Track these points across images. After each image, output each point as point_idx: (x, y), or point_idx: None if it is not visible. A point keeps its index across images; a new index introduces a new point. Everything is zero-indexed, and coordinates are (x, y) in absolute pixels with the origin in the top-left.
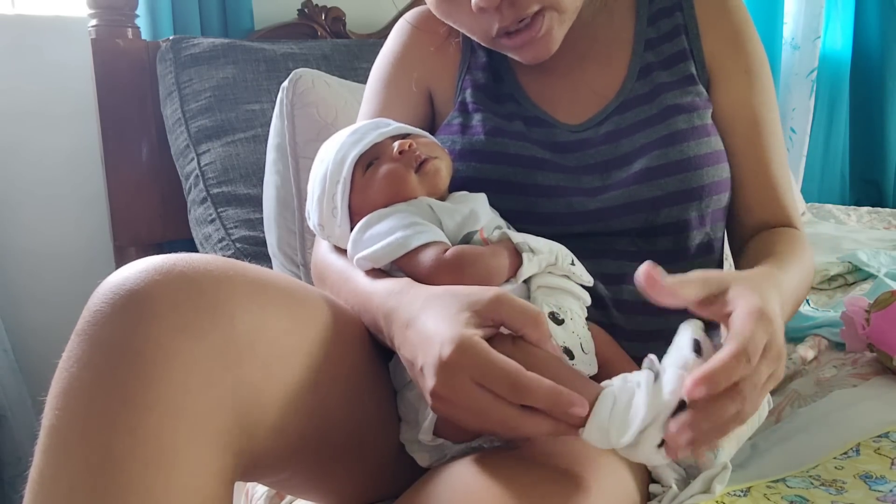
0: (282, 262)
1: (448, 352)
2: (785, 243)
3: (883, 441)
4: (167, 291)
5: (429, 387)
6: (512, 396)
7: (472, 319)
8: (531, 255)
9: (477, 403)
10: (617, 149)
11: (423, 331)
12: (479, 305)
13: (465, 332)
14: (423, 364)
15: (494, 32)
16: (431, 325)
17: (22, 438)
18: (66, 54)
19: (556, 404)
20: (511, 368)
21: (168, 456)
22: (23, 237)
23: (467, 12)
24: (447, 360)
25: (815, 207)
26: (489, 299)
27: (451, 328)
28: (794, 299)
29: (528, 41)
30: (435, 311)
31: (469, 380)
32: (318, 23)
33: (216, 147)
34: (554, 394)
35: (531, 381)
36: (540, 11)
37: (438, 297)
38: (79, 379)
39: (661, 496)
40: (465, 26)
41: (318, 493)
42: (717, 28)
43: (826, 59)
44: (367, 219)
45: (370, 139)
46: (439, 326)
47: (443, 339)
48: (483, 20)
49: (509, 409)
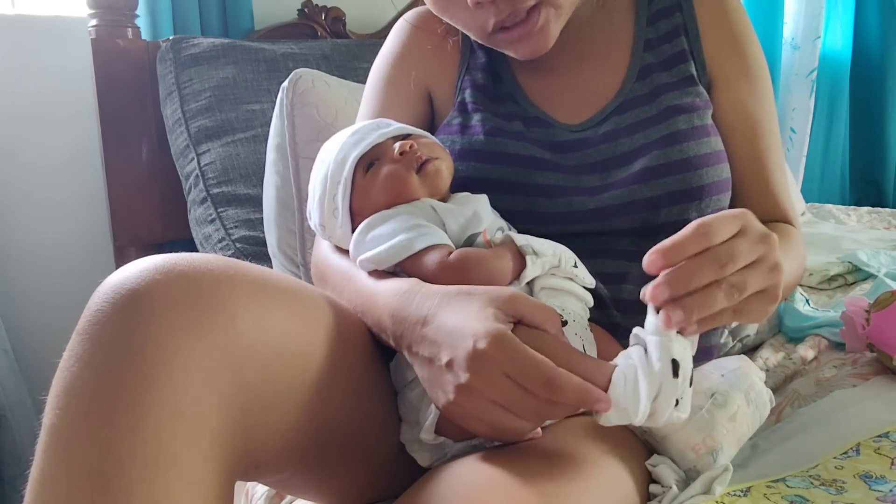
0: (282, 262)
1: (484, 345)
2: (779, 232)
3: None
4: (168, 291)
5: (461, 380)
6: (544, 391)
7: (499, 315)
8: (534, 258)
9: (508, 395)
10: (616, 148)
11: (447, 327)
12: (500, 302)
13: (499, 326)
14: (453, 358)
15: (490, 27)
16: (456, 320)
17: (22, 438)
18: (66, 54)
19: (583, 401)
20: (545, 364)
21: (168, 455)
22: (23, 237)
23: (464, 7)
24: (484, 353)
25: (815, 207)
26: (508, 296)
27: (483, 323)
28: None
29: (524, 35)
30: (457, 308)
31: (502, 373)
32: (318, 23)
33: (216, 147)
34: (582, 390)
35: (562, 377)
36: (536, 6)
37: (456, 296)
38: (80, 378)
39: (661, 496)
40: (462, 22)
41: (318, 493)
42: (718, 30)
43: (826, 59)
44: (370, 220)
45: (371, 140)
46: (468, 322)
47: (476, 333)
48: (479, 15)
49: (537, 402)
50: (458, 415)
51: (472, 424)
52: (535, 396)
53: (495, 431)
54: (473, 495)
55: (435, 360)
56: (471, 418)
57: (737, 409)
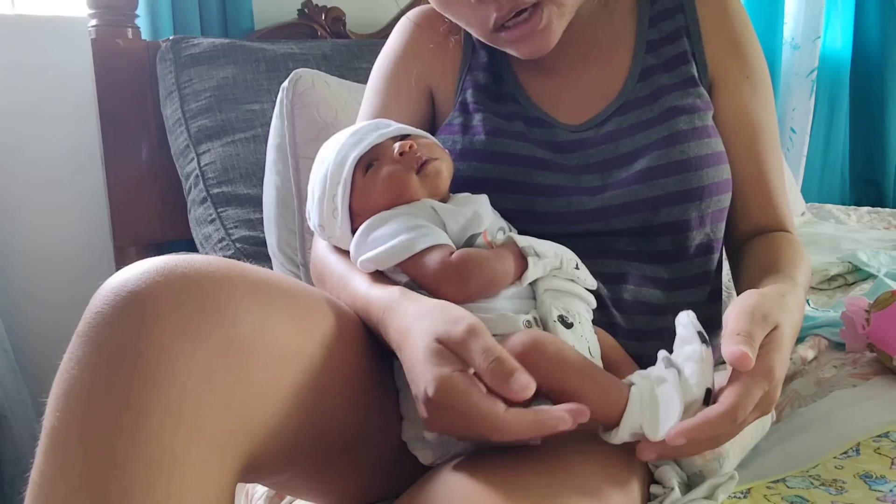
0: (282, 262)
1: (432, 392)
2: (788, 251)
3: (883, 441)
4: (168, 293)
5: (424, 415)
6: (494, 436)
7: (444, 354)
8: (536, 259)
9: (466, 434)
10: (617, 148)
11: (408, 361)
12: (449, 339)
13: (442, 372)
14: (416, 394)
15: (492, 24)
16: (412, 358)
17: (22, 438)
18: (66, 54)
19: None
20: (490, 411)
21: (169, 458)
22: (23, 237)
23: (466, 4)
24: (432, 399)
25: (815, 207)
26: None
27: (428, 368)
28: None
29: (527, 34)
30: (414, 341)
31: (458, 415)
32: (318, 23)
33: (216, 147)
34: (536, 427)
35: (508, 423)
36: (538, 4)
37: (417, 321)
38: (80, 380)
39: (661, 497)
40: (464, 18)
41: (318, 494)
42: (719, 32)
43: (826, 59)
44: (371, 221)
45: (370, 140)
46: (418, 363)
47: (425, 378)
48: (481, 11)
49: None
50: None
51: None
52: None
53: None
54: (473, 495)
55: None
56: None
57: None
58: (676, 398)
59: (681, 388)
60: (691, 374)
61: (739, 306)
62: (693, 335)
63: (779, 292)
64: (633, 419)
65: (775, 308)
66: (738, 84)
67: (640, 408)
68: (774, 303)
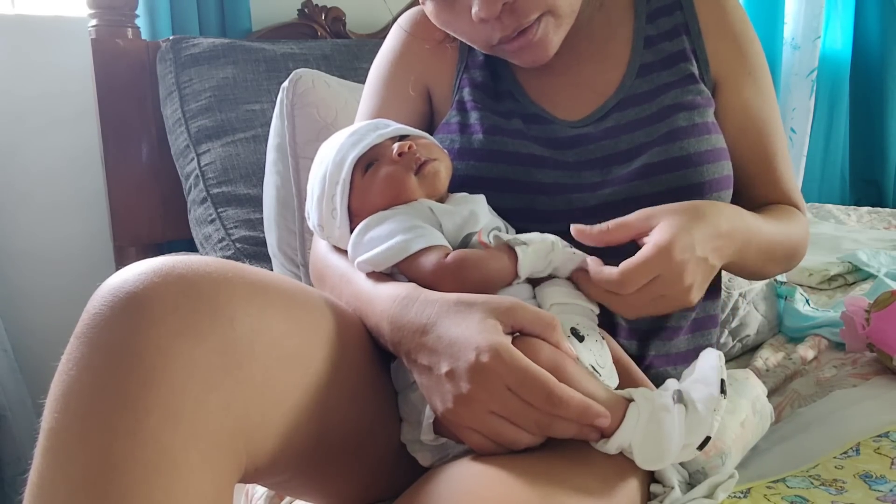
0: (282, 262)
1: (487, 358)
2: (777, 208)
3: (883, 441)
4: (166, 294)
5: (462, 390)
6: (546, 405)
7: (499, 327)
8: (524, 248)
9: (509, 407)
10: (617, 145)
11: (447, 337)
12: (499, 313)
13: (502, 339)
14: (454, 368)
15: (496, 42)
16: (457, 332)
17: (22, 438)
18: (66, 54)
19: (584, 415)
20: (546, 378)
21: (168, 459)
22: (23, 237)
23: (467, 21)
24: (485, 366)
25: (815, 207)
26: (507, 307)
27: (485, 335)
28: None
29: (524, 46)
30: (457, 319)
31: (504, 386)
32: (318, 23)
33: (216, 147)
34: (584, 406)
35: (564, 391)
36: (536, 17)
37: (455, 305)
38: (78, 381)
39: (662, 496)
40: (466, 35)
41: (317, 494)
42: (719, 29)
43: (826, 59)
44: (367, 221)
45: (369, 141)
46: (469, 333)
47: (478, 346)
48: (483, 30)
49: (538, 414)
50: (454, 424)
51: (466, 435)
52: (535, 409)
53: (492, 442)
54: (473, 495)
55: (434, 369)
56: (466, 428)
57: (745, 417)
58: (678, 433)
59: (686, 426)
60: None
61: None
62: (715, 381)
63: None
64: (624, 437)
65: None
66: (741, 81)
67: (635, 428)
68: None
